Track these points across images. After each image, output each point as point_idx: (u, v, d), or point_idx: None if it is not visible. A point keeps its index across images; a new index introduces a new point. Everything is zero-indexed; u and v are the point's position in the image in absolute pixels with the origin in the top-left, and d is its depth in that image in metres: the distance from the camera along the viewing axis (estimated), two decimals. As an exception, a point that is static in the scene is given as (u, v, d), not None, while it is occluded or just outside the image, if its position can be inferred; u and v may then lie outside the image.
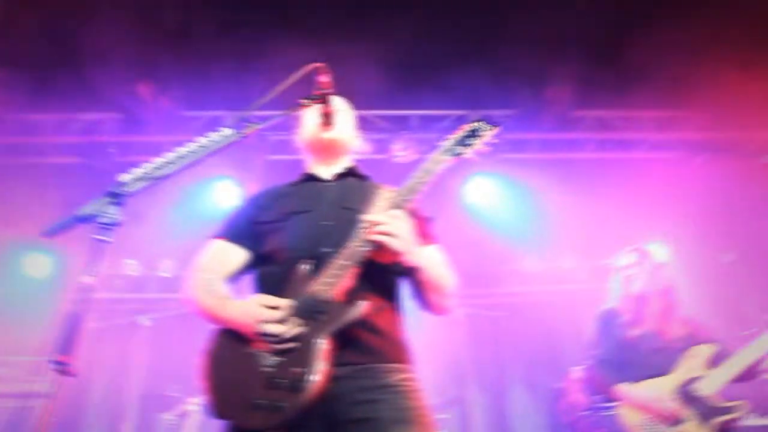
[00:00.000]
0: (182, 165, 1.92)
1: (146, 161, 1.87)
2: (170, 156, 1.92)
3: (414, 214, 2.26)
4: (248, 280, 2.35)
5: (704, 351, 3.72)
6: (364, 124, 6.51)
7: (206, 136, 1.99)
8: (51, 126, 6.56)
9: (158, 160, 1.90)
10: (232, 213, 2.46)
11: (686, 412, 3.49)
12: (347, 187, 2.39)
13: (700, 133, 6.90)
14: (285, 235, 2.21)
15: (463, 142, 2.33)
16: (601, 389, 3.86)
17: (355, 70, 5.33)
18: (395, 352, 2.13)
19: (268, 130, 6.54)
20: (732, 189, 6.72)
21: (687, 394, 3.55)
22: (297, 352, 1.92)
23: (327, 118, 2.32)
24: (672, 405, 3.50)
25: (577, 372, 6.18)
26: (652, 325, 3.86)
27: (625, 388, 3.68)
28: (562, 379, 7.00)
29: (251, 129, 2.06)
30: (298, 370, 1.88)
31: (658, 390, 3.60)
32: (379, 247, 2.05)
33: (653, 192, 7.03)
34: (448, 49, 5.78)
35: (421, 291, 2.22)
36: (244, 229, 2.33)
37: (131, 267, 7.88)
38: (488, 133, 2.36)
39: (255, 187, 6.44)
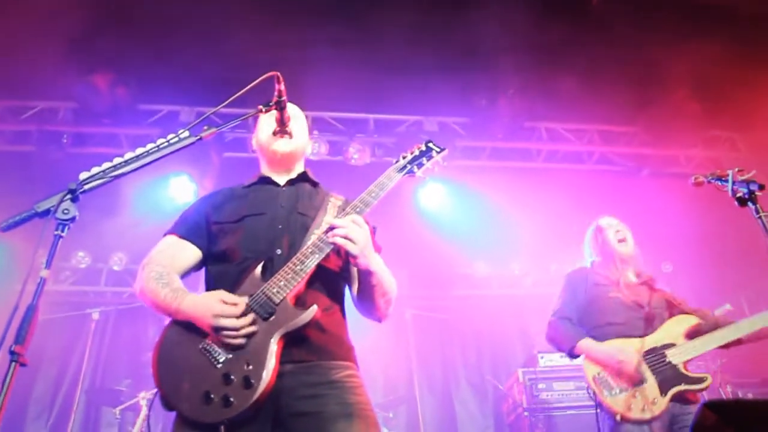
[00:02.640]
0: (139, 165, 1.98)
1: (100, 152, 1.91)
2: (128, 155, 1.98)
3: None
4: (196, 278, 2.40)
5: (687, 321, 3.72)
6: (322, 126, 6.64)
7: (165, 138, 2.05)
8: (2, 112, 6.41)
9: (116, 159, 1.95)
10: (186, 211, 2.50)
11: (648, 374, 3.53)
12: (300, 192, 2.48)
13: (644, 148, 7.17)
14: (239, 235, 2.28)
15: (415, 162, 2.48)
16: (562, 345, 3.84)
17: (314, 73, 5.41)
18: (340, 350, 2.22)
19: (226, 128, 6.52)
20: (670, 203, 7.00)
21: (656, 358, 3.57)
22: (250, 350, 1.99)
23: (282, 127, 2.41)
24: (634, 365, 3.51)
25: (519, 374, 6.38)
26: (631, 289, 3.87)
27: (587, 344, 3.68)
28: (506, 380, 7.21)
29: (209, 132, 2.13)
30: (250, 368, 1.96)
31: (626, 348, 3.59)
32: (337, 249, 2.15)
33: (599, 203, 7.27)
34: (405, 56, 5.90)
35: (369, 295, 2.30)
36: (197, 227, 2.38)
37: (81, 259, 7.75)
38: (439, 156, 2.55)
39: (210, 184, 6.46)
